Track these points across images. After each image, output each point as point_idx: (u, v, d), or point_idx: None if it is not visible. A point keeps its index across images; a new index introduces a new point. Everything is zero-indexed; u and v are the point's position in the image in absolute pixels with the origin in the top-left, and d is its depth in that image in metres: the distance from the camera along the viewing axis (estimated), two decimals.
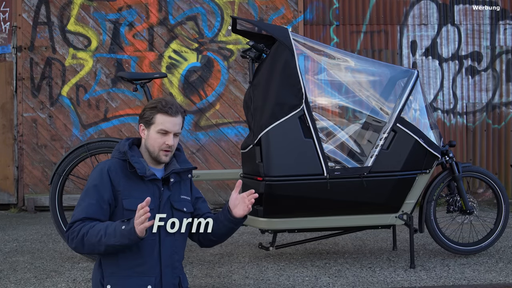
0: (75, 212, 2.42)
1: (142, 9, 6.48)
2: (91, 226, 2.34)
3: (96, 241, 2.31)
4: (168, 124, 2.49)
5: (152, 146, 2.51)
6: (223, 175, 4.99)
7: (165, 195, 2.52)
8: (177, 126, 2.53)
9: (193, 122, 6.49)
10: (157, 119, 2.50)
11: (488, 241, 4.14)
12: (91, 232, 2.32)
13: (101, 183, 2.44)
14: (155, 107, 2.51)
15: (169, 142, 2.49)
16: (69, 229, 2.39)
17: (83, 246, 2.35)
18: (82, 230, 2.34)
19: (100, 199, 2.42)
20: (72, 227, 2.38)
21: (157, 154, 2.51)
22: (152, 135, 2.51)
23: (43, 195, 6.30)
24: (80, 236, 2.34)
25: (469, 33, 6.66)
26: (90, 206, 2.41)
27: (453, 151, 4.13)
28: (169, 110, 2.49)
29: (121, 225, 2.29)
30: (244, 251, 4.38)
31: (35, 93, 6.41)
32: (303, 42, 3.99)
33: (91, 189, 2.44)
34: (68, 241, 2.40)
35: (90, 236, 2.32)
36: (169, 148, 2.51)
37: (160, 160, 2.53)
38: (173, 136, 2.52)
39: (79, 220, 2.38)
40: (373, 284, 3.52)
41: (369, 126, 4.15)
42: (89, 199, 2.42)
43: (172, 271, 2.51)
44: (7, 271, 3.85)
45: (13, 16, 6.40)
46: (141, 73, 6.00)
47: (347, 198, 3.75)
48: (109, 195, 2.44)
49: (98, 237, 2.30)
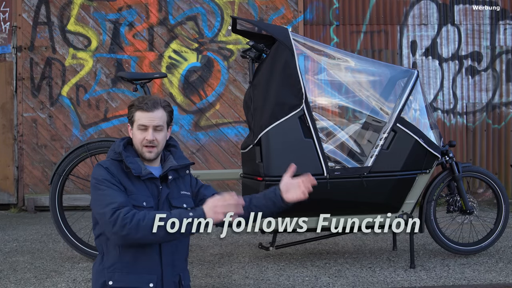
0: (111, 200, 2.33)
1: (142, 9, 6.48)
2: (146, 213, 2.31)
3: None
4: (145, 119, 2.50)
5: (136, 143, 2.53)
6: (223, 175, 4.99)
7: (163, 193, 2.52)
8: (156, 120, 2.51)
9: (193, 122, 6.49)
10: (136, 116, 2.52)
11: (488, 241, 4.14)
12: (149, 217, 2.29)
13: (112, 177, 2.43)
14: (133, 105, 2.55)
15: (148, 137, 2.49)
16: (115, 214, 2.29)
17: (137, 232, 2.29)
18: (137, 216, 2.29)
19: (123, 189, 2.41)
20: (120, 212, 2.29)
21: (141, 151, 2.52)
22: (134, 132, 2.53)
23: (43, 195, 6.30)
24: (135, 221, 2.28)
25: (469, 33, 6.66)
26: (122, 193, 2.38)
27: (453, 151, 4.12)
28: (145, 106, 2.50)
29: (187, 212, 2.33)
30: (244, 251, 4.39)
31: (35, 93, 6.41)
32: (303, 42, 3.99)
33: (107, 183, 2.40)
34: (117, 226, 2.28)
35: (148, 220, 2.28)
36: (150, 143, 2.50)
37: (145, 157, 2.52)
38: (154, 131, 2.51)
39: (123, 205, 2.32)
40: (373, 284, 3.52)
41: (369, 126, 4.15)
42: (113, 189, 2.39)
43: (172, 269, 2.51)
44: (7, 271, 3.85)
45: (13, 16, 6.40)
46: (141, 73, 6.00)
47: (347, 198, 3.75)
48: (122, 187, 2.43)
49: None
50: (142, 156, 2.53)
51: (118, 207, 2.32)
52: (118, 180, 2.44)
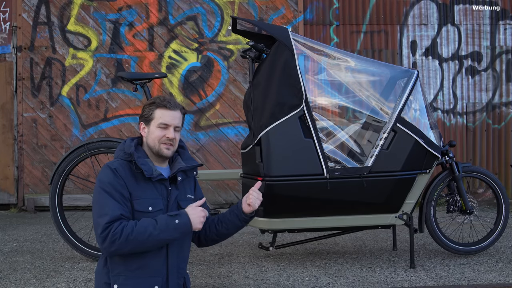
0: (105, 211, 2.35)
1: (142, 9, 6.48)
2: (134, 225, 2.33)
3: (145, 238, 2.32)
4: (167, 117, 2.51)
5: (153, 140, 2.52)
6: (223, 175, 4.99)
7: (173, 195, 2.53)
8: (177, 120, 2.54)
9: (193, 122, 6.49)
10: (156, 114, 2.52)
11: (488, 241, 4.14)
12: (137, 230, 2.32)
13: (118, 182, 2.42)
14: (153, 103, 2.55)
15: (170, 135, 2.50)
16: (106, 230, 2.31)
17: (127, 245, 2.32)
18: (125, 230, 2.31)
19: (123, 197, 2.40)
20: (110, 227, 2.31)
21: (158, 148, 2.51)
22: (152, 130, 2.52)
23: (43, 195, 6.30)
24: (124, 237, 2.30)
25: (469, 33, 6.66)
26: (116, 203, 2.38)
27: (453, 151, 4.13)
28: (168, 104, 2.53)
29: (173, 219, 2.37)
30: (244, 251, 4.38)
31: (35, 93, 6.41)
32: (303, 42, 3.99)
33: (111, 188, 2.39)
34: (107, 243, 2.32)
35: (137, 234, 2.31)
36: (170, 142, 2.52)
37: (162, 154, 2.52)
38: (174, 131, 2.53)
39: (116, 219, 2.33)
40: (373, 284, 3.52)
41: (369, 126, 4.15)
42: (113, 198, 2.38)
43: (178, 272, 2.52)
44: (7, 271, 3.85)
45: (13, 16, 6.40)
46: (141, 73, 5.98)
47: (347, 198, 3.75)
48: (127, 193, 2.43)
49: (147, 234, 2.32)
50: (159, 153, 2.52)
51: (110, 221, 2.33)
52: (123, 183, 2.42)
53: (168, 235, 2.36)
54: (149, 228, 2.33)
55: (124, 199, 2.41)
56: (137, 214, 2.43)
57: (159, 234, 2.34)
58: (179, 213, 2.40)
